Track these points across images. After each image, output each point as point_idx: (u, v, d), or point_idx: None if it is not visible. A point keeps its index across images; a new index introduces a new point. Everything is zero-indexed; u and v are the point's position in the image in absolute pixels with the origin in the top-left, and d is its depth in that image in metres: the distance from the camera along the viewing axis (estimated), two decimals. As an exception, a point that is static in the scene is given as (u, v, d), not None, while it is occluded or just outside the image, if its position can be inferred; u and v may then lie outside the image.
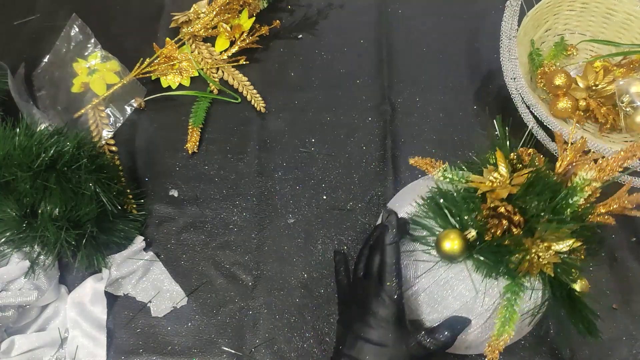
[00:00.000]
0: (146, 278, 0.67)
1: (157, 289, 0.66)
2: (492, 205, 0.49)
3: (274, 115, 0.78)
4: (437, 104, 0.79)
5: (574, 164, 0.52)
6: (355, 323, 0.50)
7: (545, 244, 0.47)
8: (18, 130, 0.58)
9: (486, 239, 0.48)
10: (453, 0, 0.89)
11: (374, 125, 0.77)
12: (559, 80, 0.71)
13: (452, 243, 0.48)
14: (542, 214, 0.48)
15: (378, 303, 0.49)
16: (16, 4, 0.88)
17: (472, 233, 0.49)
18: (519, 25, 0.71)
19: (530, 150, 0.54)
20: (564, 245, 0.47)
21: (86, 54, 0.80)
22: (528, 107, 0.67)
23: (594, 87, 0.73)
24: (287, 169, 0.74)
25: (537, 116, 0.66)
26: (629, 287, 0.66)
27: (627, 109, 0.69)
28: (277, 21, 0.84)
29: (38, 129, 0.59)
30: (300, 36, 0.86)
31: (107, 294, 0.64)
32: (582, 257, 0.49)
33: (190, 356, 0.63)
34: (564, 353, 0.62)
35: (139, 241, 0.67)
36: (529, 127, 0.68)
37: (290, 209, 0.71)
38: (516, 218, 0.48)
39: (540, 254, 0.47)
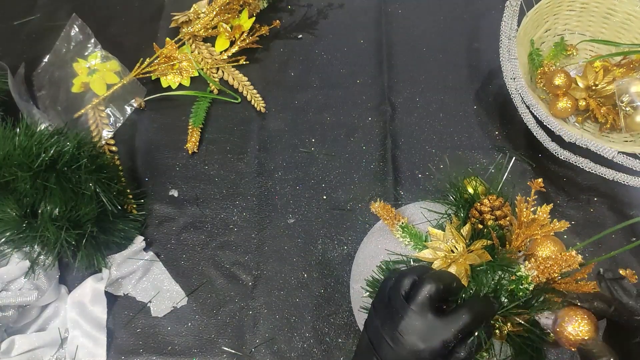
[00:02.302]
0: (146, 278, 0.67)
1: (157, 289, 0.66)
2: None
3: (274, 115, 0.78)
4: (437, 104, 0.79)
5: (531, 239, 0.46)
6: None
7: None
8: (18, 130, 0.58)
9: None
10: (453, 0, 0.89)
11: (374, 125, 0.77)
12: (559, 80, 0.71)
13: None
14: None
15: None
16: (16, 4, 0.89)
17: None
18: (518, 26, 0.71)
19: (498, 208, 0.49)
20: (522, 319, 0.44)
21: (86, 54, 0.80)
22: (528, 107, 0.67)
23: (593, 87, 0.73)
24: (287, 169, 0.74)
25: (537, 116, 0.66)
26: (629, 287, 0.66)
27: (627, 109, 0.69)
28: (277, 21, 0.84)
29: (38, 129, 0.60)
30: (300, 36, 0.86)
31: (107, 294, 0.64)
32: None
33: (190, 356, 0.63)
34: (564, 352, 0.62)
35: (139, 241, 0.67)
36: (529, 127, 0.68)
37: (290, 209, 0.71)
38: None
39: (498, 330, 0.45)
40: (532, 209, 0.47)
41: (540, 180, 0.47)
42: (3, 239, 0.58)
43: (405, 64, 0.83)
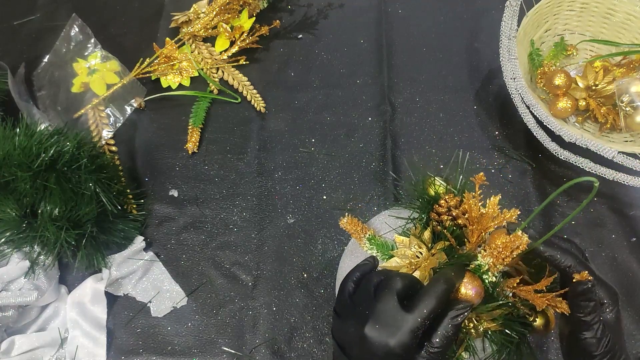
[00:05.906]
0: (146, 278, 0.67)
1: (157, 289, 0.66)
2: None
3: (274, 115, 0.78)
4: (437, 104, 0.79)
5: (488, 232, 0.46)
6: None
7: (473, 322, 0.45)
8: (18, 130, 0.58)
9: None
10: (453, 0, 0.89)
11: (374, 125, 0.77)
12: (559, 80, 0.71)
13: None
14: None
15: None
16: (16, 4, 0.89)
17: None
18: (518, 26, 0.71)
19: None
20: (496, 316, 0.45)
21: (86, 54, 0.80)
22: (528, 107, 0.67)
23: (593, 87, 0.73)
24: (287, 169, 0.74)
25: (537, 116, 0.66)
26: (629, 287, 0.66)
27: (627, 109, 0.69)
28: (277, 21, 0.84)
29: (38, 129, 0.60)
30: (300, 36, 0.86)
31: (107, 294, 0.64)
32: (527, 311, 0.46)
33: (190, 356, 0.63)
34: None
35: (139, 241, 0.67)
36: (529, 127, 0.68)
37: (290, 209, 0.71)
38: None
39: (473, 329, 0.45)
40: (481, 204, 0.46)
41: (481, 174, 0.47)
42: (3, 239, 0.58)
43: (405, 64, 0.83)
